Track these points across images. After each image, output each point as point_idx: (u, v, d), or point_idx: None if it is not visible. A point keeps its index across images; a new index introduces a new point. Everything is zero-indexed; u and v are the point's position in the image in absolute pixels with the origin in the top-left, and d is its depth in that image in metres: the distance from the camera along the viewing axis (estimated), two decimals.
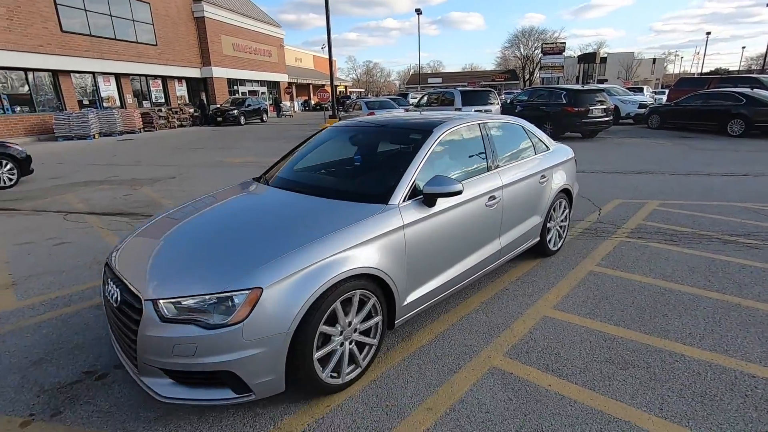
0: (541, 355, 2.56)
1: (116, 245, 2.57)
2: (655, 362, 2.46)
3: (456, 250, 2.81)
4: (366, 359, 2.37)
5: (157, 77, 23.85)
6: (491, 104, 13.70)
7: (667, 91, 21.01)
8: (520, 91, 18.87)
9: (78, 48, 18.64)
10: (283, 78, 36.38)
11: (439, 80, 65.85)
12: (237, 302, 1.84)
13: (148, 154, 12.32)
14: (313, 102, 43.11)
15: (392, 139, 3.27)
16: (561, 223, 4.13)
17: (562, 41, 50.41)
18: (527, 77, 65.19)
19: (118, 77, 21.17)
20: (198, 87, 27.05)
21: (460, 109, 12.97)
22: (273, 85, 35.48)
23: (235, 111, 23.43)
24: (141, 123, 19.89)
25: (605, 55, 57.26)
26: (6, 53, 15.88)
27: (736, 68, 70.81)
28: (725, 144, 11.36)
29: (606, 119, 12.94)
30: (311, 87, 46.18)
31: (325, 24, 18.32)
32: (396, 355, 2.59)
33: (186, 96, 26.33)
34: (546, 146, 4.02)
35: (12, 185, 8.36)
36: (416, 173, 2.61)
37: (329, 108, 21.08)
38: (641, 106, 17.17)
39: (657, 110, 15.58)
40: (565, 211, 4.18)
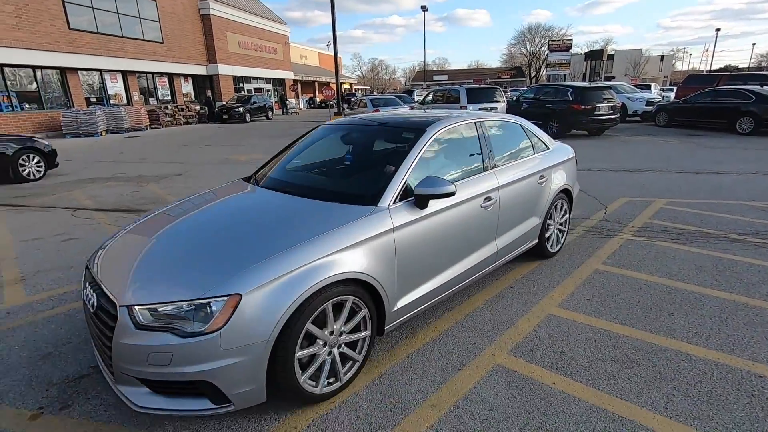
0: (546, 354, 2.55)
1: (97, 248, 2.54)
2: (661, 361, 2.45)
3: (449, 254, 2.73)
4: (350, 372, 2.28)
5: (164, 75, 23.98)
6: (497, 101, 13.63)
7: (675, 89, 20.82)
8: (526, 89, 18.76)
9: (85, 45, 18.78)
10: (289, 75, 36.44)
11: (445, 77, 65.63)
12: (215, 309, 1.77)
13: (155, 151, 12.40)
14: (319, 99, 43.15)
15: (385, 138, 3.18)
16: (561, 225, 4.05)
17: (569, 38, 50.17)
18: (533, 74, 64.83)
19: (125, 75, 21.32)
20: (204, 84, 27.18)
21: (466, 107, 12.92)
22: (278, 83, 35.56)
23: (241, 108, 23.50)
24: (147, 120, 20.03)
25: (612, 52, 56.78)
26: (15, 51, 16.05)
27: (746, 65, 69.95)
28: (734, 142, 11.24)
29: (613, 117, 12.85)
30: (316, 84, 46.22)
31: (331, 21, 18.30)
32: (400, 352, 2.60)
33: (192, 93, 26.46)
34: (545, 145, 3.94)
35: (40, 178, 8.59)
36: (408, 174, 2.52)
37: (334, 105, 21.09)
38: (649, 104, 17.02)
39: (665, 108, 15.45)
40: (565, 212, 4.08)
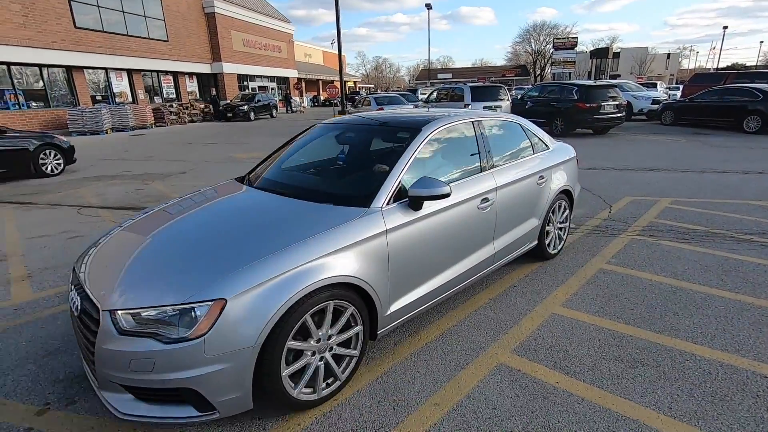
0: (549, 353, 2.55)
1: (87, 247, 2.51)
2: (665, 361, 2.44)
3: (445, 256, 2.67)
4: (346, 371, 2.24)
5: (168, 73, 24.05)
6: (501, 100, 13.59)
7: (682, 87, 20.66)
8: (531, 87, 18.68)
9: (91, 44, 18.87)
10: (293, 74, 36.45)
11: (449, 76, 65.39)
12: (199, 314, 1.72)
13: (160, 150, 12.46)
14: (323, 98, 43.15)
15: (379, 138, 3.12)
16: (561, 226, 3.99)
17: (574, 36, 49.80)
18: (538, 73, 64.46)
19: (130, 73, 21.41)
20: (208, 83, 27.24)
21: (470, 105, 12.88)
22: (282, 81, 35.59)
23: (245, 106, 23.55)
24: (152, 118, 20.11)
25: (618, 50, 56.34)
26: (22, 49, 16.15)
27: (754, 63, 69.21)
28: (741, 141, 11.14)
29: (618, 115, 12.77)
30: (320, 82, 46.22)
31: (335, 19, 18.29)
32: (403, 351, 2.61)
33: (197, 92, 26.54)
34: (546, 145, 3.87)
35: (59, 173, 8.77)
36: (402, 174, 2.47)
37: (338, 104, 21.10)
38: (654, 102, 16.89)
39: (671, 106, 15.34)
40: (566, 213, 4.02)
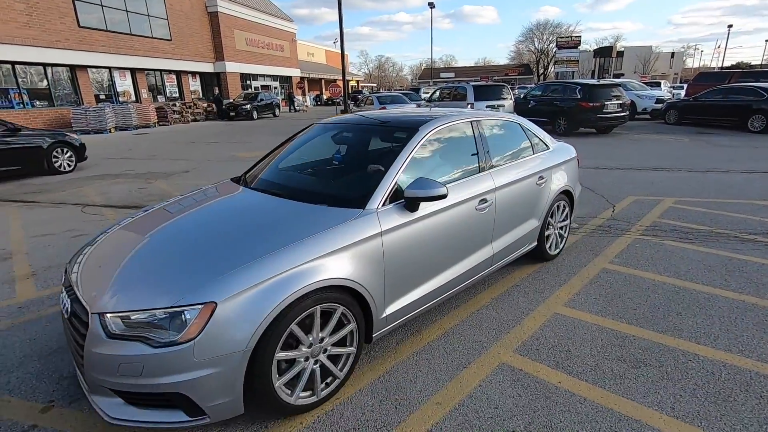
0: (552, 352, 2.55)
1: (78, 250, 2.50)
2: (668, 361, 2.44)
3: (442, 258, 2.64)
4: (345, 369, 2.23)
5: (172, 72, 24.12)
6: (504, 99, 13.57)
7: (686, 86, 20.55)
8: (534, 86, 18.62)
9: (95, 43, 18.94)
10: (296, 73, 36.49)
11: (452, 75, 65.29)
12: (188, 318, 1.70)
13: (163, 148, 12.49)
14: (326, 97, 43.18)
15: (376, 138, 3.08)
16: (561, 227, 3.94)
17: (578, 35, 49.61)
18: (541, 72, 64.30)
19: (134, 72, 21.48)
20: (211, 82, 27.31)
21: (473, 104, 12.86)
22: (285, 80, 35.63)
23: (248, 105, 23.60)
24: (156, 117, 20.16)
25: (622, 49, 56.11)
26: (26, 48, 16.23)
27: (759, 62, 68.77)
28: (745, 140, 11.08)
29: (622, 114, 12.72)
30: (323, 82, 46.25)
31: (338, 18, 18.29)
32: (405, 350, 2.61)
33: (200, 91, 26.60)
34: (546, 145, 3.83)
35: (71, 170, 8.88)
36: (398, 175, 2.43)
37: (341, 103, 21.10)
38: (658, 101, 16.82)
39: (675, 105, 15.26)
40: (566, 214, 3.98)
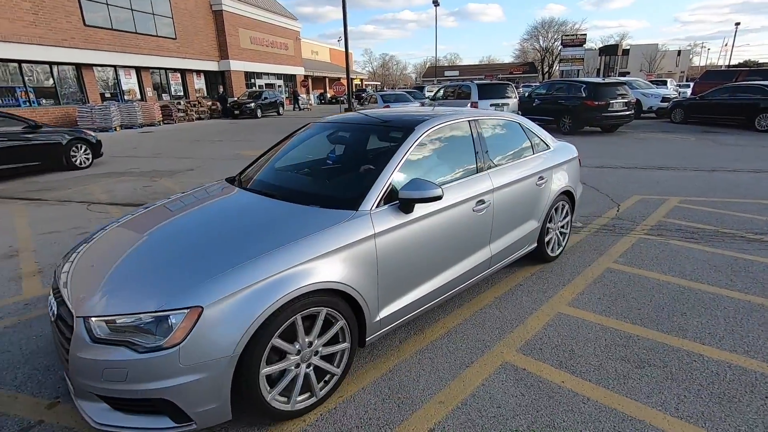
0: (555, 352, 2.54)
1: (72, 248, 2.49)
2: (672, 362, 2.43)
3: (437, 260, 2.60)
4: (325, 388, 2.15)
5: (176, 70, 24.20)
6: (508, 97, 13.51)
7: (692, 84, 20.39)
8: (539, 84, 18.54)
9: (100, 42, 19.03)
10: (300, 71, 36.50)
11: (456, 73, 65.12)
12: (174, 322, 1.67)
13: (168, 147, 12.54)
14: (329, 95, 43.16)
15: (371, 137, 3.03)
16: (562, 228, 3.89)
17: (583, 33, 49.38)
18: (546, 70, 63.95)
19: (139, 70, 21.57)
20: (216, 80, 27.38)
21: (477, 103, 12.82)
22: (289, 78, 35.65)
23: (252, 104, 23.64)
24: (160, 116, 20.24)
25: (628, 47, 55.63)
26: (32, 47, 16.34)
27: (767, 60, 68.15)
28: (753, 139, 10.98)
29: (627, 113, 12.64)
30: (327, 80, 46.21)
31: (342, 17, 18.26)
32: (408, 348, 2.61)
33: (204, 89, 26.68)
34: (546, 145, 3.79)
35: (88, 166, 9.10)
36: (392, 175, 2.39)
37: (345, 101, 21.10)
38: (664, 100, 16.69)
39: (681, 104, 15.15)
40: (567, 215, 3.93)
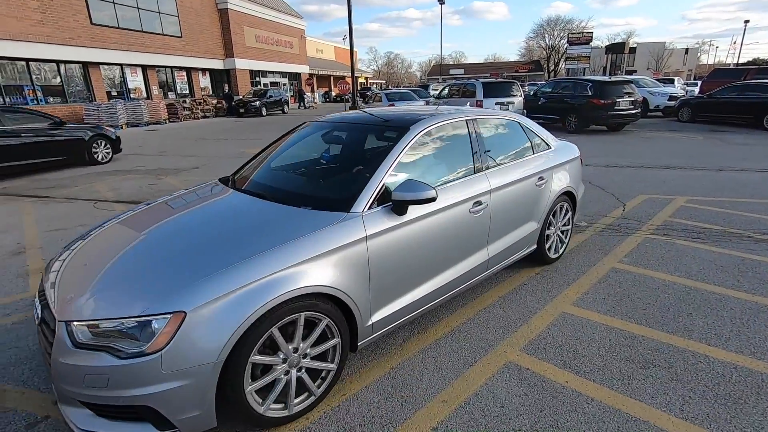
0: (559, 352, 2.53)
1: (66, 245, 2.48)
2: (678, 362, 2.41)
3: (432, 263, 2.54)
4: (322, 386, 2.12)
5: (182, 69, 24.30)
6: (514, 96, 13.45)
7: (700, 83, 20.18)
8: (544, 83, 18.44)
9: (107, 40, 19.15)
10: (305, 69, 36.54)
11: (461, 71, 64.97)
12: (156, 327, 1.63)
13: (173, 145, 12.61)
14: (334, 93, 43.20)
15: (366, 137, 2.99)
16: (563, 229, 3.82)
17: (590, 31, 48.95)
18: (552, 68, 63.59)
19: (145, 69, 21.68)
20: (221, 78, 27.47)
21: (482, 101, 12.78)
22: (294, 77, 35.70)
23: (257, 102, 23.73)
24: (166, 114, 20.36)
25: (635, 45, 55.25)
26: (40, 46, 16.46)
27: None
28: (761, 138, 10.87)
29: (634, 112, 12.54)
30: (332, 78, 46.23)
31: (347, 15, 18.26)
32: (412, 347, 2.61)
33: (209, 87, 26.77)
34: (547, 144, 3.71)
35: (108, 161, 9.35)
36: (385, 176, 2.33)
37: (349, 99, 21.11)
38: (671, 99, 16.54)
39: (688, 102, 15.00)
40: (568, 216, 3.85)
